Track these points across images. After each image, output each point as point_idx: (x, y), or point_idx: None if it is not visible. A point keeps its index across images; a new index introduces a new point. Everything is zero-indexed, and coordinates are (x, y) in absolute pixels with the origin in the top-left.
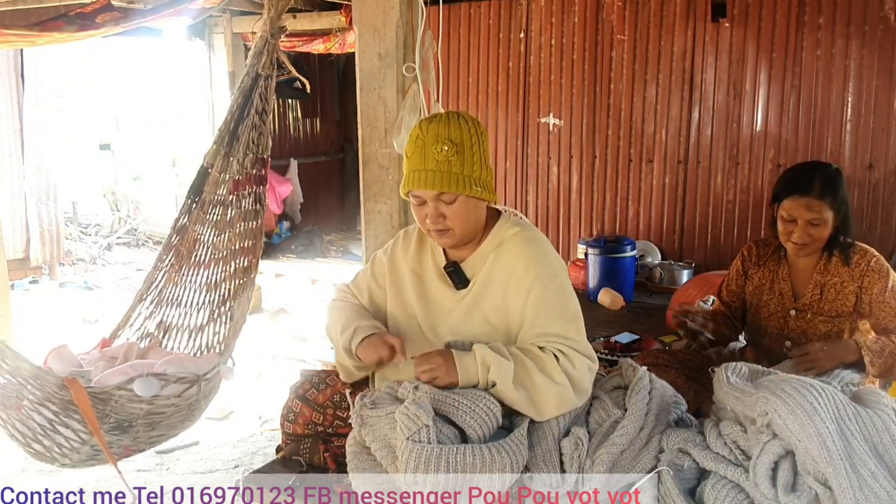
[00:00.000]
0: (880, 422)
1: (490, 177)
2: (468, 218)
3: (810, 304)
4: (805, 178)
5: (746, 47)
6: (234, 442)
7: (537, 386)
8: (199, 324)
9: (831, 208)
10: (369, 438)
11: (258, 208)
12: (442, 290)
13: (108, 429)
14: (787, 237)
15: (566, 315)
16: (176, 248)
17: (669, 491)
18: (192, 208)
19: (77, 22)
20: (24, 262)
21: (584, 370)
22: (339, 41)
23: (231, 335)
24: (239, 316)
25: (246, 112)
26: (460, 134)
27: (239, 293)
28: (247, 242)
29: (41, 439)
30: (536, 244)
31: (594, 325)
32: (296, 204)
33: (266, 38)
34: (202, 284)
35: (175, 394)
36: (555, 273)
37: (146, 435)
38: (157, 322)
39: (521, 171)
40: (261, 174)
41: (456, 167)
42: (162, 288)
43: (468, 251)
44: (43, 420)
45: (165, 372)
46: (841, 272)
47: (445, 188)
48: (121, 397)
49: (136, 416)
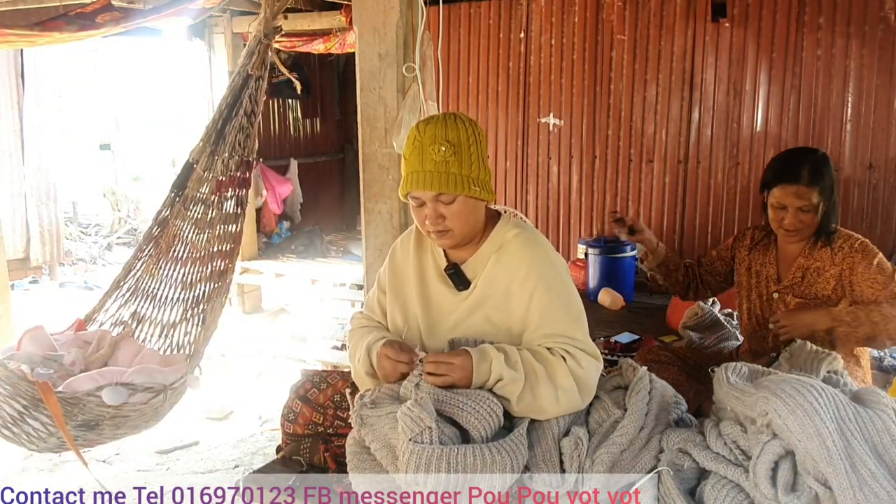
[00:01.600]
0: (880, 422)
1: (488, 177)
2: (467, 218)
3: (791, 287)
4: (794, 165)
5: (746, 47)
6: (235, 442)
7: (542, 395)
8: (171, 320)
9: (820, 194)
10: (369, 438)
11: (239, 212)
12: (443, 291)
13: (75, 426)
14: (779, 224)
15: (571, 315)
16: (156, 240)
17: (669, 491)
18: (174, 202)
19: (77, 22)
20: (25, 262)
21: (591, 370)
22: (339, 41)
23: (202, 340)
24: (211, 321)
25: (234, 112)
26: (457, 134)
27: (213, 297)
28: (225, 246)
29: (10, 427)
30: (538, 245)
31: (594, 325)
32: (296, 204)
33: (259, 39)
34: (178, 281)
35: (141, 402)
36: (557, 273)
37: (111, 432)
38: (132, 311)
39: (522, 171)
40: (244, 177)
41: (454, 168)
42: (139, 277)
43: (468, 252)
44: (13, 411)
45: (133, 382)
46: (823, 256)
47: (444, 189)
48: (89, 402)
49: (103, 417)
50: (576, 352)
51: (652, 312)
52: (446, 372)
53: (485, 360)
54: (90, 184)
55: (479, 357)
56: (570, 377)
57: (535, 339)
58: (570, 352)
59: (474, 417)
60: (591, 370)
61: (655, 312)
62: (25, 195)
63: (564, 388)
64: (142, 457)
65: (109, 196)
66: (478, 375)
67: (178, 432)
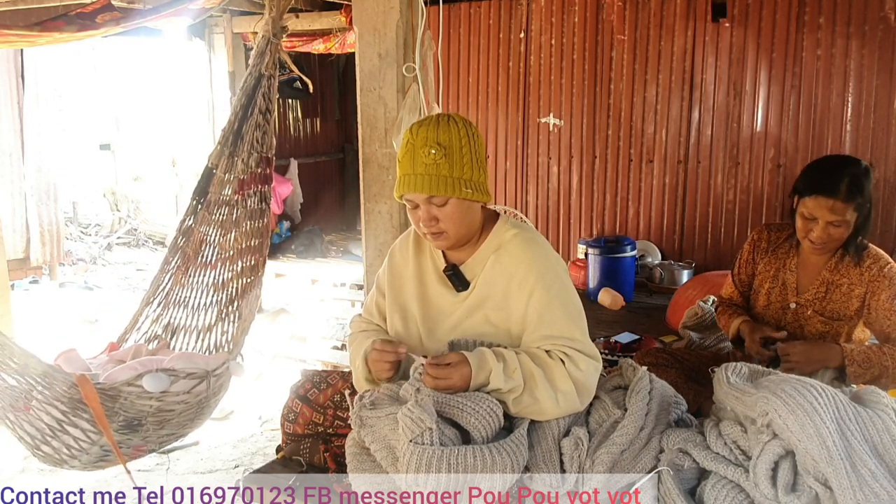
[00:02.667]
0: (880, 422)
1: (482, 177)
2: (461, 220)
3: (812, 301)
4: (832, 178)
5: (746, 47)
6: (235, 442)
7: (541, 399)
8: (207, 324)
9: (855, 210)
10: (369, 439)
11: (263, 207)
12: (442, 292)
13: (118, 427)
14: (805, 234)
15: (569, 315)
16: (182, 249)
17: (669, 491)
18: (197, 209)
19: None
20: (25, 262)
21: (590, 372)
22: (340, 41)
23: (240, 333)
24: (247, 314)
25: (250, 112)
26: (449, 136)
27: (247, 291)
28: (253, 241)
29: (50, 441)
30: (536, 245)
31: (594, 326)
32: (296, 204)
33: (268, 38)
34: (209, 285)
35: (184, 390)
36: (556, 274)
37: (156, 434)
38: (165, 324)
39: (522, 172)
40: (265, 173)
41: (444, 170)
42: (169, 290)
43: (467, 253)
44: (51, 420)
45: (174, 368)
46: (851, 273)
47: (434, 191)
48: (130, 393)
49: (146, 413)
50: (574, 354)
51: (652, 312)
52: (446, 377)
53: (483, 369)
54: (90, 184)
55: (477, 366)
56: (569, 380)
57: (534, 340)
58: (568, 354)
59: (475, 418)
60: (590, 372)
61: (655, 312)
62: (25, 195)
63: (563, 391)
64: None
65: (109, 196)
66: (475, 384)
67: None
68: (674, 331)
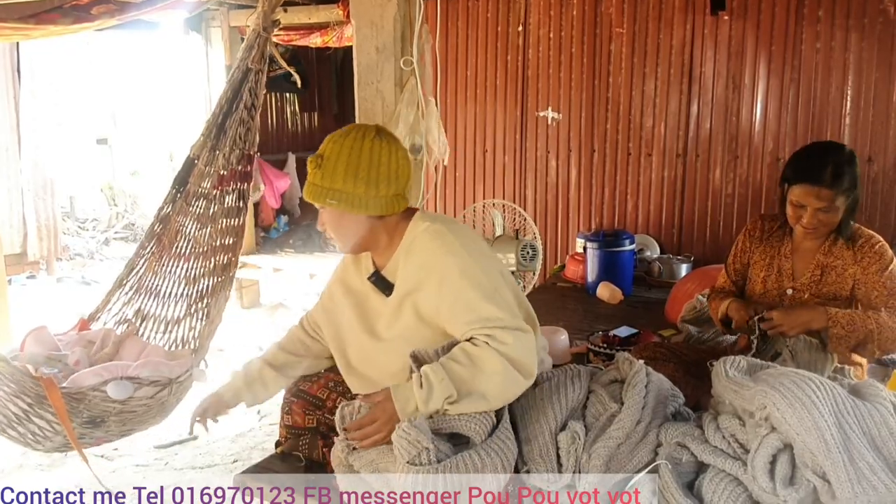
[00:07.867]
0: (878, 415)
1: (362, 189)
2: (338, 228)
3: (808, 285)
4: (816, 165)
5: (745, 40)
6: (233, 437)
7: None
8: (175, 316)
9: (842, 195)
10: (357, 465)
11: (241, 206)
12: (374, 298)
13: (81, 422)
14: (797, 221)
15: (484, 295)
16: (158, 236)
17: (668, 484)
18: (175, 198)
19: (72, 14)
20: (22, 257)
21: (518, 344)
22: (337, 35)
23: (206, 334)
24: (215, 315)
25: (234, 106)
26: (331, 148)
27: (217, 291)
28: (228, 239)
29: (16, 426)
30: (444, 234)
31: (593, 320)
32: (294, 198)
33: (258, 32)
34: (181, 277)
35: (147, 396)
36: (463, 257)
37: (118, 429)
38: (136, 309)
39: (520, 165)
40: (246, 171)
41: (317, 179)
42: (142, 275)
43: (386, 257)
44: (17, 410)
45: (139, 376)
46: (844, 255)
47: (308, 198)
48: (94, 397)
49: (109, 413)
50: (496, 332)
51: (650, 306)
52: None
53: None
54: (87, 178)
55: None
56: (499, 358)
57: (458, 329)
58: (489, 334)
59: (473, 423)
60: (518, 344)
61: (654, 306)
62: (22, 190)
63: (498, 371)
64: (140, 452)
65: (107, 191)
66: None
67: (177, 427)
68: (672, 325)
